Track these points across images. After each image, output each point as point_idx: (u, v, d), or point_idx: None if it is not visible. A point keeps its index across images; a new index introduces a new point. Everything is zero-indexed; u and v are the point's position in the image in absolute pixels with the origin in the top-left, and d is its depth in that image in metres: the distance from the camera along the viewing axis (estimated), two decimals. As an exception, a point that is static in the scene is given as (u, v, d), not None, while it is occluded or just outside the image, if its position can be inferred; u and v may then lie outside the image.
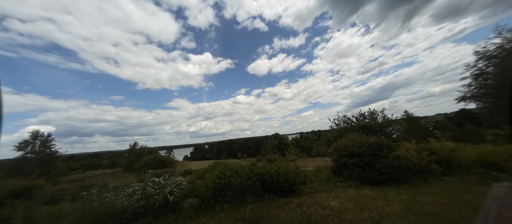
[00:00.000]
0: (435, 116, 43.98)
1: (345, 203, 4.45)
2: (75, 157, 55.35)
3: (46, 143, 19.15)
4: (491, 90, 12.24)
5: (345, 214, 3.80)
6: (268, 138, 68.75)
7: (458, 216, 3.28)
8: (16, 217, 4.27)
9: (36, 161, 17.48)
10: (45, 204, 6.57)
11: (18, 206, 4.78)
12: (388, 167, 5.81)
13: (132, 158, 25.64)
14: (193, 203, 5.11)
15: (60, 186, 11.78)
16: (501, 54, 11.41)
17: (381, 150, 6.21)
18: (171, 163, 21.17)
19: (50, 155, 18.97)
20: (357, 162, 6.25)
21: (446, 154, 6.24)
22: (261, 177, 5.65)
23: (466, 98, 13.93)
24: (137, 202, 4.81)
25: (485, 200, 2.08)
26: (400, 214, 3.57)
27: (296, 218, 3.82)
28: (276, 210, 4.39)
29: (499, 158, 5.62)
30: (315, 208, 4.27)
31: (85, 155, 62.76)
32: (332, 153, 7.49)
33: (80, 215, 4.43)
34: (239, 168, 6.05)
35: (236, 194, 5.22)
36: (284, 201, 4.98)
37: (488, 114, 13.82)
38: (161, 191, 5.17)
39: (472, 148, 6.47)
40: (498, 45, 11.71)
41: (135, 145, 28.09)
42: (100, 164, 42.54)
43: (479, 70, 12.70)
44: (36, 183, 9.51)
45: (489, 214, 1.88)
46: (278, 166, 6.33)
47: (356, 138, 7.00)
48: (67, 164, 26.51)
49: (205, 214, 4.66)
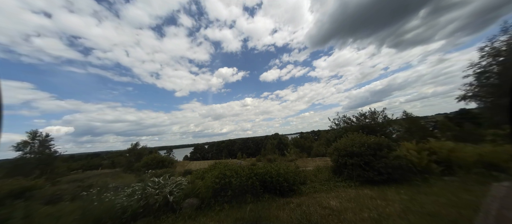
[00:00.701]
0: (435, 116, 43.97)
1: (345, 203, 4.45)
2: (74, 157, 55.30)
3: (45, 143, 19.11)
4: (492, 89, 12.14)
5: (345, 214, 3.80)
6: (268, 138, 68.72)
7: (458, 216, 3.28)
8: (16, 217, 4.27)
9: (35, 161, 17.45)
10: (45, 204, 6.56)
11: (17, 206, 4.78)
12: (388, 167, 5.81)
13: (132, 158, 25.64)
14: (193, 203, 5.11)
15: (60, 186, 11.78)
16: (507, 52, 11.18)
17: (381, 150, 6.21)
18: (171, 163, 21.18)
19: (49, 155, 18.94)
20: (357, 162, 6.25)
21: (446, 154, 6.24)
22: (261, 177, 5.65)
23: (466, 97, 13.84)
24: (137, 202, 4.80)
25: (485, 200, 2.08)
26: (400, 214, 3.57)
27: (296, 218, 3.82)
28: (276, 210, 4.39)
29: (499, 158, 5.63)
30: (315, 208, 4.27)
31: (85, 155, 62.69)
32: (332, 153, 7.48)
33: (80, 215, 4.43)
34: (239, 168, 6.05)
35: (236, 194, 5.22)
36: (284, 201, 4.98)
37: (488, 113, 13.78)
38: (161, 191, 5.17)
39: (472, 148, 6.47)
40: (505, 42, 11.39)
41: (136, 145, 28.07)
42: (100, 164, 42.50)
43: (483, 68, 12.49)
44: (36, 183, 9.51)
45: (489, 214, 1.88)
46: (278, 166, 6.32)
47: (356, 138, 7.00)
48: (66, 164, 26.50)
49: (205, 214, 4.65)
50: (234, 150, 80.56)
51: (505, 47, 11.36)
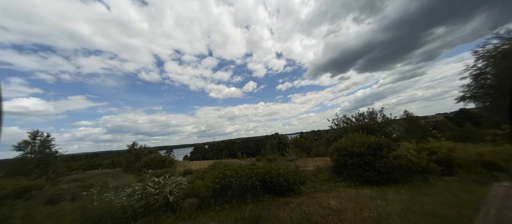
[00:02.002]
0: (435, 116, 43.97)
1: (345, 202, 4.46)
2: (75, 157, 55.27)
3: (46, 143, 19.07)
4: (490, 90, 12.25)
5: (345, 214, 3.81)
6: (268, 138, 68.71)
7: (458, 215, 3.28)
8: (16, 217, 4.27)
9: (35, 161, 17.43)
10: (45, 204, 6.56)
11: (18, 206, 4.78)
12: (388, 167, 5.81)
13: (132, 158, 25.62)
14: (193, 203, 5.11)
15: (60, 186, 11.76)
16: (500, 54, 11.44)
17: (381, 150, 6.21)
18: (171, 163, 21.17)
19: (49, 155, 18.91)
20: (357, 162, 6.25)
21: (445, 154, 6.24)
22: (261, 177, 5.65)
23: (465, 98, 13.94)
24: (137, 202, 4.81)
25: (485, 200, 2.08)
26: (400, 214, 3.57)
27: (296, 217, 3.83)
28: (276, 210, 4.39)
29: (498, 158, 5.63)
30: (315, 207, 4.28)
31: (85, 155, 62.67)
32: (332, 153, 7.49)
33: (80, 215, 4.43)
34: (239, 168, 6.06)
35: (236, 194, 5.22)
36: (284, 201, 4.99)
37: (488, 113, 13.83)
38: (161, 191, 5.18)
39: (472, 148, 6.47)
40: (497, 45, 11.74)
41: (134, 145, 28.07)
42: (100, 164, 42.48)
43: (479, 70, 12.71)
44: (36, 183, 9.51)
45: (489, 214, 1.88)
46: (278, 166, 6.33)
47: (356, 138, 7.01)
48: (67, 164, 26.49)
49: (205, 213, 4.66)
50: (234, 150, 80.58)
51: (498, 50, 11.61)
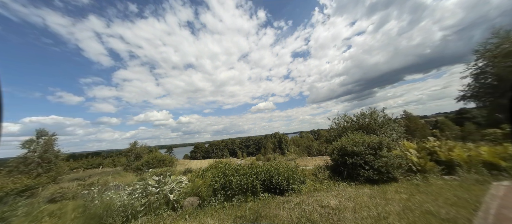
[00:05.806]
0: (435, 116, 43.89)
1: (345, 201, 4.47)
2: (76, 156, 55.44)
3: (49, 142, 19.11)
4: (490, 90, 12.23)
5: (345, 213, 3.82)
6: (268, 137, 68.79)
7: (457, 215, 3.29)
8: (18, 215, 4.31)
9: (38, 160, 17.49)
10: (47, 202, 6.61)
11: (20, 204, 4.82)
12: (388, 166, 5.82)
13: (132, 157, 25.68)
14: (193, 201, 5.14)
15: (62, 185, 11.83)
16: (500, 54, 11.40)
17: (381, 149, 6.22)
18: (172, 161, 21.20)
19: (52, 154, 18.96)
20: (356, 161, 6.25)
21: (445, 153, 6.25)
22: (261, 176, 5.67)
23: (466, 97, 13.91)
24: (138, 201, 4.84)
25: (485, 199, 2.09)
26: (400, 213, 3.59)
27: (295, 216, 3.84)
28: (275, 208, 4.41)
29: (498, 158, 5.64)
30: (314, 206, 4.29)
31: (86, 154, 62.87)
32: (332, 152, 7.49)
33: (81, 214, 4.46)
34: (239, 167, 6.08)
35: (236, 192, 5.25)
36: (283, 200, 5.00)
37: (488, 113, 13.82)
38: (161, 189, 5.20)
39: (472, 147, 6.48)
40: (497, 45, 11.70)
41: (135, 144, 28.11)
42: (101, 163, 42.61)
43: (479, 69, 12.67)
44: (38, 181, 9.56)
45: (488, 213, 1.89)
46: (278, 165, 6.35)
47: (356, 137, 7.01)
48: (68, 163, 26.58)
49: (205, 212, 4.68)
50: (234, 149, 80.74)
51: (498, 50, 11.60)
